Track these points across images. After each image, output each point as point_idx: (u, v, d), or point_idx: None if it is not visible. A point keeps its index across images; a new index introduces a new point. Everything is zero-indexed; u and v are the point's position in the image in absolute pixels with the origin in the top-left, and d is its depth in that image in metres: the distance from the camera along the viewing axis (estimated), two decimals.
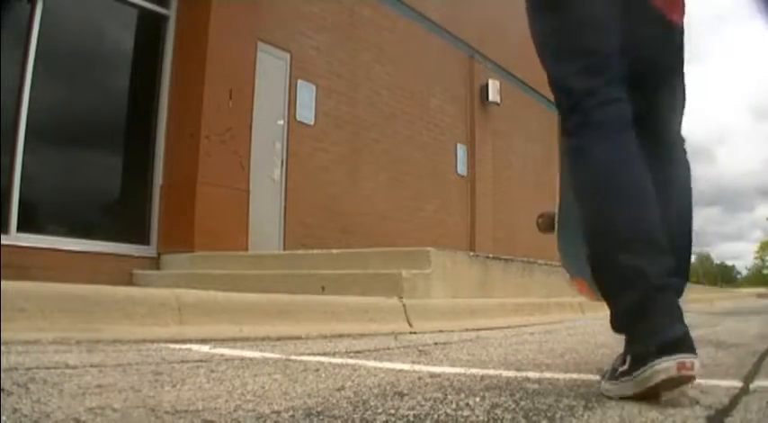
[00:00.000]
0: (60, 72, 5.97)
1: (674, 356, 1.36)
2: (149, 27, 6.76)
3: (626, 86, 1.59)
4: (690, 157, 1.84)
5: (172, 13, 6.79)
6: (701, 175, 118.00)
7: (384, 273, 4.74)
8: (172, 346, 2.62)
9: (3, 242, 5.01)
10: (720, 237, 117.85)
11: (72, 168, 6.16)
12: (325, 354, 2.61)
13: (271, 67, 7.47)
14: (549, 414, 1.41)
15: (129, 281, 5.90)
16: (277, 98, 7.60)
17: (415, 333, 3.85)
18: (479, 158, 11.60)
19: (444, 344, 3.22)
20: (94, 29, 6.45)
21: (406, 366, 2.24)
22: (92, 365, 1.96)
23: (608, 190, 1.51)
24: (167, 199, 6.45)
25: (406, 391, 1.68)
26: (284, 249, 7.33)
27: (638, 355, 1.43)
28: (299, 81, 7.87)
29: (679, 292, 1.55)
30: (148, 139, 6.58)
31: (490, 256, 6.37)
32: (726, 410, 1.46)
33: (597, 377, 2.02)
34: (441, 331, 3.98)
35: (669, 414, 1.39)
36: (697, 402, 1.52)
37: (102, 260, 5.83)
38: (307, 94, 7.96)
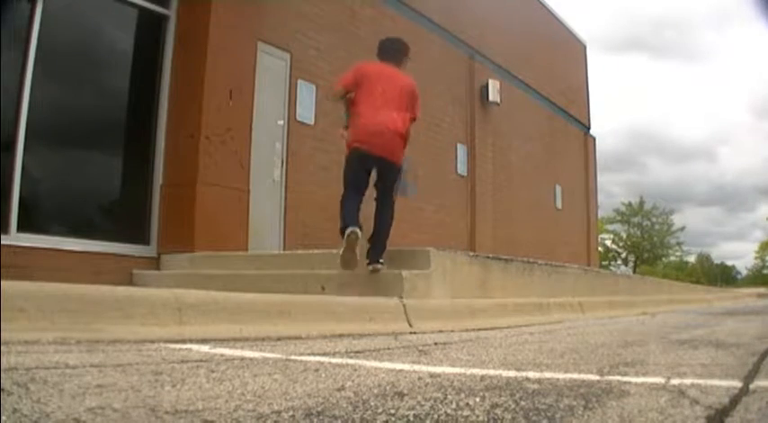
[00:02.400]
0: (60, 72, 5.96)
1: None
2: (149, 27, 6.75)
3: (363, 194, 4.95)
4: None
5: (172, 12, 6.77)
6: (702, 175, 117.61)
7: (384, 273, 4.74)
8: (172, 346, 2.63)
9: (3, 242, 5.01)
10: (721, 237, 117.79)
11: (72, 168, 6.15)
12: (325, 354, 2.61)
13: (271, 66, 7.46)
14: (549, 414, 1.41)
15: (129, 281, 5.89)
16: (277, 98, 7.59)
17: (415, 333, 3.85)
18: (479, 158, 11.60)
19: (444, 344, 3.22)
20: (94, 29, 6.45)
21: (407, 366, 2.25)
22: (92, 365, 1.96)
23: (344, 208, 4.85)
24: (167, 199, 6.44)
25: (406, 391, 1.68)
26: (284, 249, 7.32)
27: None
28: (300, 81, 7.86)
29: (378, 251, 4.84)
30: (148, 139, 6.57)
31: (490, 256, 6.37)
32: (726, 410, 1.46)
33: (597, 377, 2.02)
34: (441, 331, 3.98)
35: (669, 414, 1.40)
36: (697, 402, 1.52)
37: (102, 260, 5.83)
38: (307, 94, 7.95)
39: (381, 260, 4.79)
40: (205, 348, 2.61)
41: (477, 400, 1.57)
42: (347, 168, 5.00)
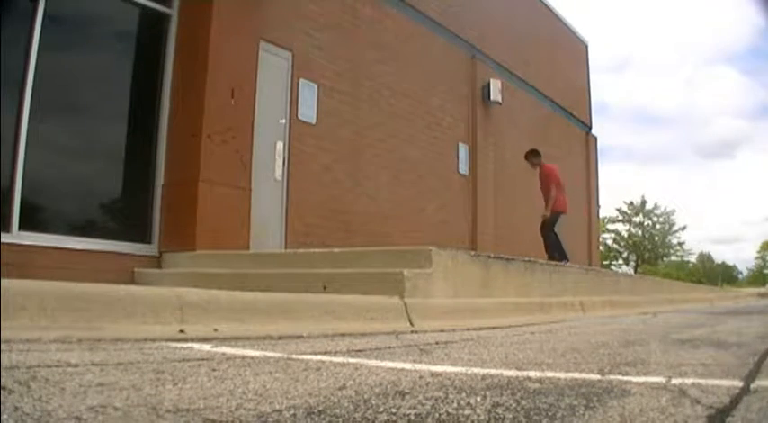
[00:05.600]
0: (62, 70, 5.96)
1: None
2: (151, 26, 6.75)
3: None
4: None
5: (174, 11, 6.77)
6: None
7: (385, 272, 4.74)
8: (173, 344, 2.63)
9: (4, 240, 5.01)
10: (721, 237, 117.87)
11: (74, 167, 6.16)
12: (326, 352, 2.61)
13: (273, 65, 7.46)
14: (550, 413, 1.41)
15: (131, 279, 5.90)
16: (279, 97, 7.59)
17: (416, 332, 3.85)
18: (481, 158, 11.59)
19: (445, 343, 3.22)
20: (97, 27, 6.45)
21: (408, 365, 2.25)
22: (93, 364, 1.96)
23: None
24: (169, 198, 6.44)
25: (407, 390, 1.68)
26: (286, 248, 7.33)
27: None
28: (301, 80, 7.86)
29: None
30: (150, 138, 6.58)
31: (491, 255, 6.36)
32: (727, 410, 1.46)
33: (598, 376, 2.02)
34: (442, 330, 3.98)
35: (670, 414, 1.39)
36: (698, 402, 1.52)
37: (103, 259, 5.83)
38: (308, 93, 7.95)
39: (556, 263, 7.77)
40: (206, 347, 2.62)
41: (479, 399, 1.57)
42: None
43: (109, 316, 2.91)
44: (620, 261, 66.35)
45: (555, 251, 9.05)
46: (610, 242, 65.34)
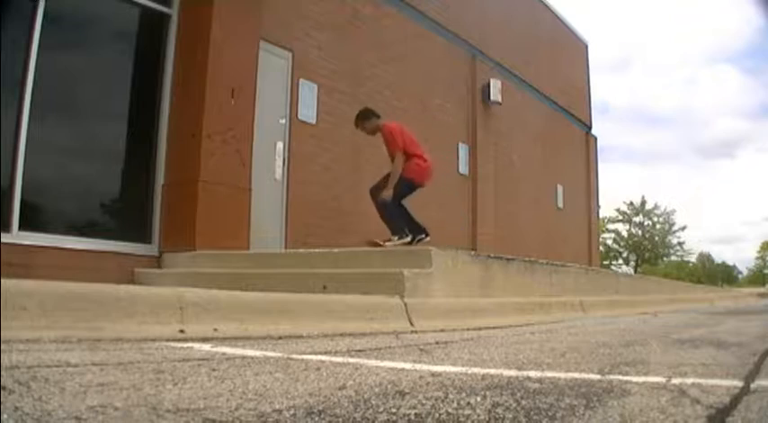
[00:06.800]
0: (62, 71, 5.96)
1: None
2: (152, 26, 6.75)
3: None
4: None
5: (174, 11, 6.77)
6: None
7: (385, 272, 4.74)
8: (173, 344, 2.63)
9: (4, 240, 5.01)
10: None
11: (74, 167, 6.16)
12: (326, 352, 2.61)
13: (273, 65, 7.46)
14: (550, 413, 1.41)
15: (131, 279, 5.90)
16: (279, 97, 7.59)
17: (416, 332, 3.85)
18: (481, 158, 11.59)
19: (445, 343, 3.22)
20: (97, 27, 6.45)
21: (408, 365, 2.25)
22: (93, 364, 1.96)
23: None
24: (169, 198, 6.44)
25: (407, 390, 1.68)
26: (286, 248, 7.33)
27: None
28: (301, 80, 7.86)
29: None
30: (150, 138, 6.58)
31: (491, 255, 6.36)
32: (727, 410, 1.46)
33: (599, 376, 2.02)
34: (442, 330, 3.98)
35: (670, 413, 1.40)
36: (698, 402, 1.52)
37: (103, 258, 5.83)
38: (308, 93, 7.96)
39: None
40: (206, 347, 2.62)
41: (479, 399, 1.57)
42: None
43: (109, 316, 2.91)
44: (620, 261, 66.38)
45: (403, 224, 6.57)
46: (610, 242, 65.37)
